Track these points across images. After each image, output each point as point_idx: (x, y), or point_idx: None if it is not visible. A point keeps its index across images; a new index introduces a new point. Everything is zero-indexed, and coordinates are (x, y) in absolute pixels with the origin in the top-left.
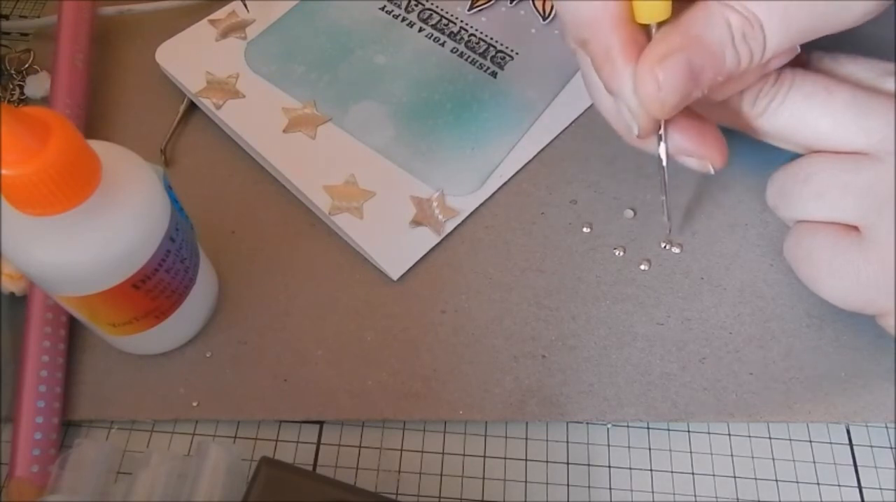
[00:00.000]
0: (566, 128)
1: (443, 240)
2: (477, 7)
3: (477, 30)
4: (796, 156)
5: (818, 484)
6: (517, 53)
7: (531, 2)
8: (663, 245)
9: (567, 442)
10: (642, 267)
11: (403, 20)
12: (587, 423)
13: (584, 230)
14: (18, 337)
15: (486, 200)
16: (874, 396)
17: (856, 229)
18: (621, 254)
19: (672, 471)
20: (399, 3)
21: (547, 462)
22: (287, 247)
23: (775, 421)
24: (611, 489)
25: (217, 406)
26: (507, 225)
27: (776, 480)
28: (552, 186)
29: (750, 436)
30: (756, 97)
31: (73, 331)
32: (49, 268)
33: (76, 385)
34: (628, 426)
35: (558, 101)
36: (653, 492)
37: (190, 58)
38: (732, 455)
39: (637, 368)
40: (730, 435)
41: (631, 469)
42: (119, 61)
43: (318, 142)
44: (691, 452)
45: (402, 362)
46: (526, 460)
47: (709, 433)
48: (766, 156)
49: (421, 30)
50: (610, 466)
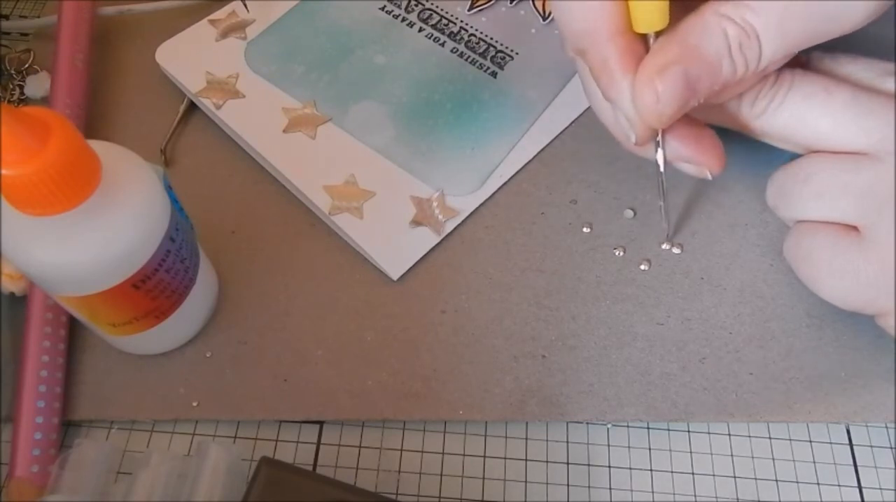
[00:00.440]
0: (566, 128)
1: (443, 240)
2: (477, 7)
3: (477, 30)
4: (796, 156)
5: (818, 484)
6: (517, 53)
7: (531, 2)
8: (664, 246)
9: (567, 442)
10: (642, 267)
11: (403, 20)
12: (587, 423)
13: (584, 230)
14: (18, 337)
15: (486, 200)
16: (874, 396)
17: (855, 229)
18: (621, 254)
19: (672, 471)
20: (399, 3)
21: (547, 462)
22: (287, 247)
23: (775, 421)
24: (611, 489)
25: (217, 406)
26: (507, 225)
27: (776, 480)
28: (552, 186)
29: (750, 436)
30: (756, 97)
31: (73, 331)
32: (49, 268)
33: (76, 385)
34: (628, 426)
35: (558, 101)
36: (653, 492)
37: (190, 58)
38: (732, 455)
39: (637, 368)
40: (730, 435)
41: (631, 469)
42: (119, 61)
43: (318, 142)
44: (691, 452)
45: (402, 362)
46: (526, 460)
47: (709, 433)
48: (766, 156)
49: (421, 30)
50: (610, 466)
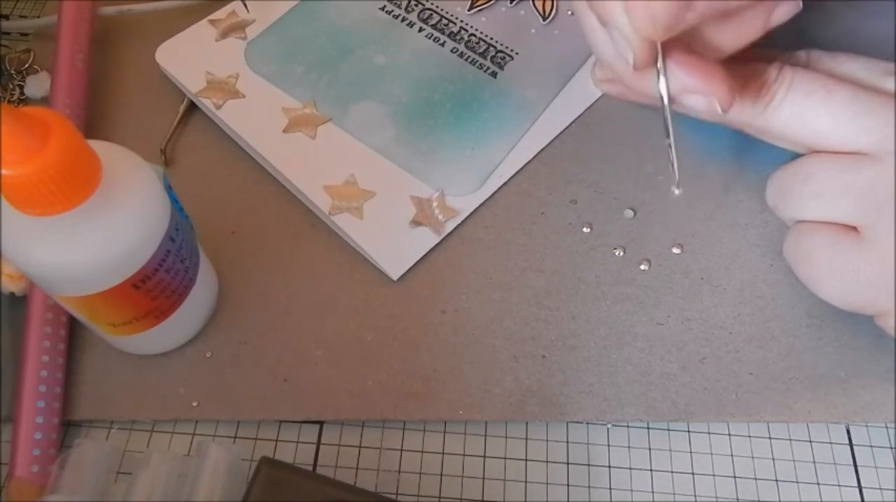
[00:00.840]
0: (566, 128)
1: (443, 240)
2: (477, 7)
3: (477, 30)
4: (796, 156)
5: (818, 484)
6: (517, 53)
7: (531, 2)
8: (675, 191)
9: (567, 442)
10: (642, 267)
11: (403, 20)
12: (587, 423)
13: (584, 230)
14: (18, 337)
15: (486, 200)
16: (874, 396)
17: (855, 229)
18: (621, 254)
19: (672, 471)
20: (399, 3)
21: (547, 462)
22: (287, 247)
23: (775, 421)
24: (611, 489)
25: (217, 406)
26: (507, 225)
27: (776, 480)
28: (552, 186)
29: (750, 436)
30: (756, 96)
31: (73, 331)
32: (49, 268)
33: (76, 385)
34: (628, 426)
35: (558, 101)
36: (653, 492)
37: (190, 58)
38: (732, 455)
39: (637, 368)
40: (730, 435)
41: (631, 469)
42: (119, 61)
43: (318, 142)
44: (691, 452)
45: (402, 362)
46: (526, 460)
47: (709, 433)
48: (766, 156)
49: (421, 30)
50: (610, 466)
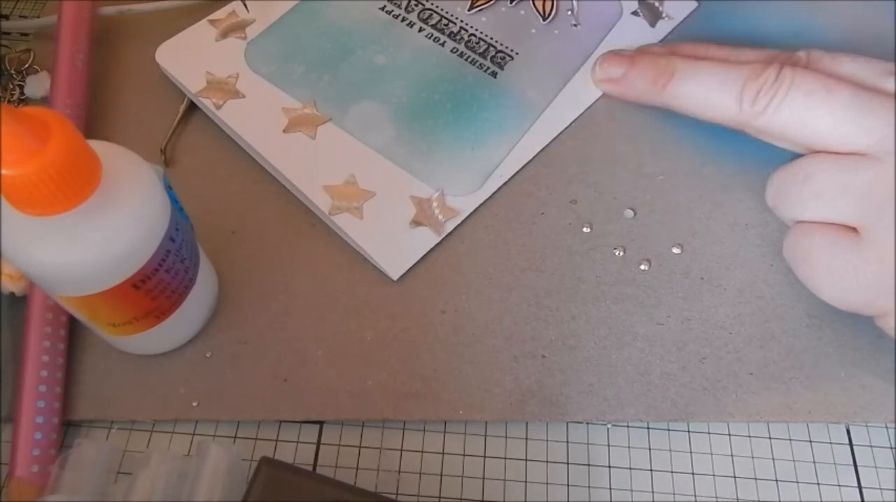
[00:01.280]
0: (566, 128)
1: (443, 240)
2: (477, 7)
3: (477, 30)
4: (796, 156)
5: (818, 484)
6: (517, 53)
7: (531, 2)
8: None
9: (567, 442)
10: (642, 267)
11: (403, 20)
12: (587, 423)
13: (584, 230)
14: (18, 337)
15: (486, 200)
16: (874, 396)
17: (855, 230)
18: (621, 254)
19: (672, 471)
20: (399, 3)
21: (547, 462)
22: (287, 247)
23: (775, 421)
24: (611, 489)
25: (217, 406)
26: (507, 225)
27: (776, 480)
28: (552, 186)
29: (750, 436)
30: (756, 96)
31: (73, 331)
32: (49, 268)
33: (76, 385)
34: (628, 426)
35: (558, 101)
36: (653, 492)
37: (190, 58)
38: (732, 455)
39: (637, 368)
40: (730, 435)
41: (631, 469)
42: (119, 61)
43: (318, 142)
44: (691, 452)
45: (402, 362)
46: (526, 460)
47: (709, 433)
48: (766, 156)
49: (421, 30)
50: (610, 466)
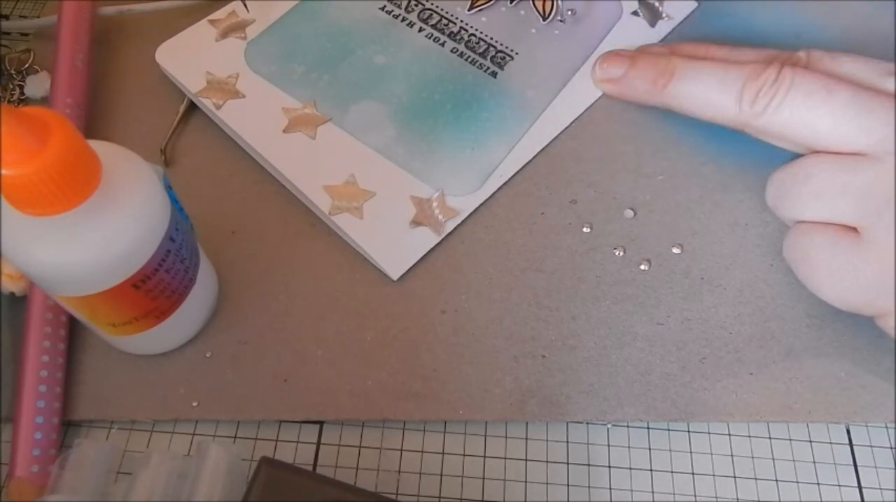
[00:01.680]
0: (566, 128)
1: (443, 240)
2: (477, 7)
3: (477, 30)
4: (796, 156)
5: (818, 484)
6: (517, 53)
7: (531, 2)
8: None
9: (567, 442)
10: (642, 267)
11: (403, 20)
12: (587, 423)
13: (584, 230)
14: (18, 337)
15: (486, 200)
16: (874, 396)
17: (855, 230)
18: (621, 254)
19: (672, 471)
20: (399, 3)
21: (547, 462)
22: (287, 247)
23: (775, 421)
24: (611, 489)
25: (217, 406)
26: (507, 225)
27: (776, 480)
28: (552, 186)
29: (750, 436)
30: (756, 96)
31: (73, 331)
32: (49, 268)
33: (76, 385)
34: (628, 426)
35: (558, 101)
36: (653, 492)
37: (190, 58)
38: (732, 455)
39: (637, 368)
40: (730, 435)
41: (631, 469)
42: (119, 61)
43: (318, 142)
44: (691, 452)
45: (402, 362)
46: (526, 460)
47: (709, 433)
48: (766, 156)
49: (421, 30)
50: (610, 466)
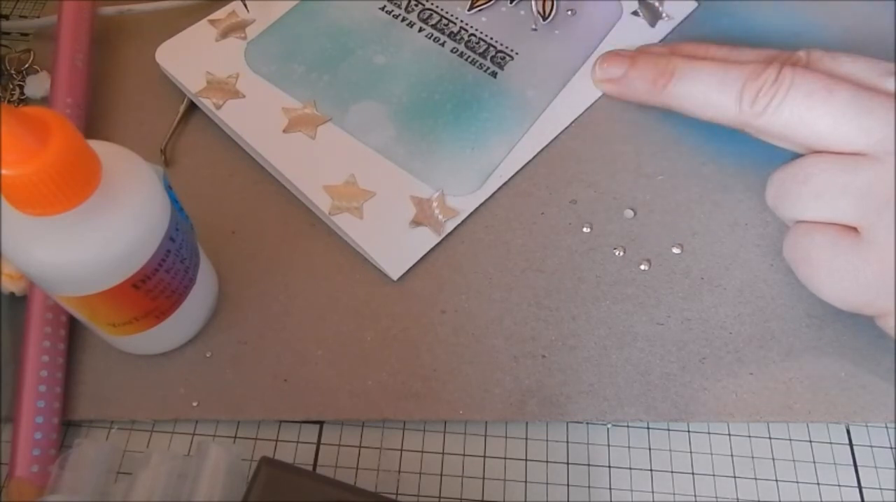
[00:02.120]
0: (566, 128)
1: (443, 240)
2: (477, 7)
3: (477, 30)
4: (796, 156)
5: (818, 484)
6: (517, 53)
7: (531, 2)
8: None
9: (567, 442)
10: (642, 267)
11: (403, 20)
12: (587, 423)
13: (584, 230)
14: (18, 337)
15: (486, 200)
16: (874, 396)
17: (855, 230)
18: (621, 254)
19: (672, 471)
20: (399, 3)
21: (547, 462)
22: (287, 247)
23: (775, 421)
24: (611, 489)
25: (217, 406)
26: (507, 225)
27: (776, 480)
28: (552, 186)
29: (750, 436)
30: (756, 96)
31: (73, 331)
32: (49, 268)
33: (76, 385)
34: (628, 426)
35: (558, 101)
36: (653, 492)
37: (190, 58)
38: (732, 455)
39: (637, 368)
40: (730, 435)
41: (631, 469)
42: (119, 61)
43: (318, 142)
44: (691, 452)
45: (402, 362)
46: (526, 460)
47: (709, 433)
48: (766, 156)
49: (421, 30)
50: (610, 466)
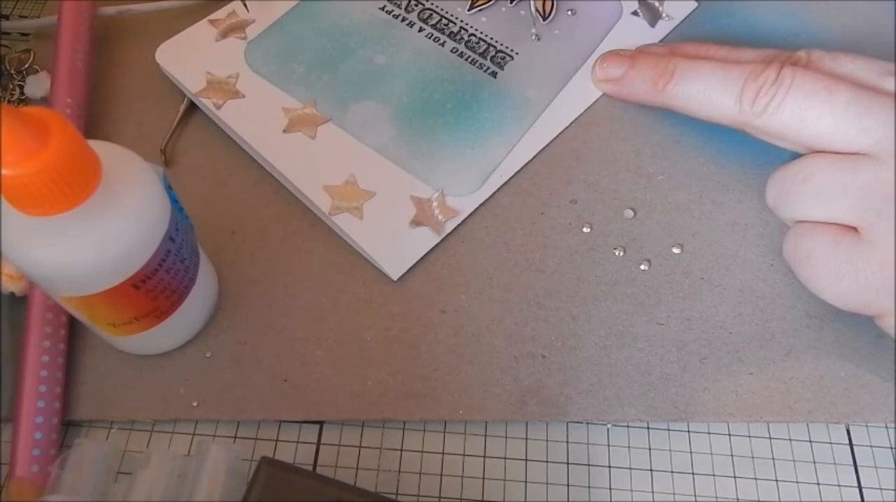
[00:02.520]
0: (566, 128)
1: (443, 240)
2: (477, 7)
3: (477, 30)
4: (796, 156)
5: (818, 484)
6: (517, 53)
7: (531, 2)
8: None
9: (567, 442)
10: (642, 267)
11: (403, 20)
12: (587, 423)
13: (584, 230)
14: (18, 337)
15: (486, 200)
16: (874, 396)
17: (855, 230)
18: (621, 254)
19: (672, 471)
20: (399, 3)
21: (547, 462)
22: (287, 247)
23: (775, 421)
24: (611, 489)
25: (217, 406)
26: (507, 225)
27: (776, 480)
28: (552, 186)
29: (750, 436)
30: (756, 96)
31: (73, 331)
32: (49, 268)
33: (76, 385)
34: (628, 426)
35: (558, 101)
36: (653, 492)
37: (190, 58)
38: (732, 455)
39: (637, 368)
40: (730, 435)
41: (631, 469)
42: (119, 61)
43: (318, 142)
44: (691, 452)
45: (402, 362)
46: (526, 460)
47: (709, 433)
48: (766, 156)
49: (421, 30)
50: (610, 466)
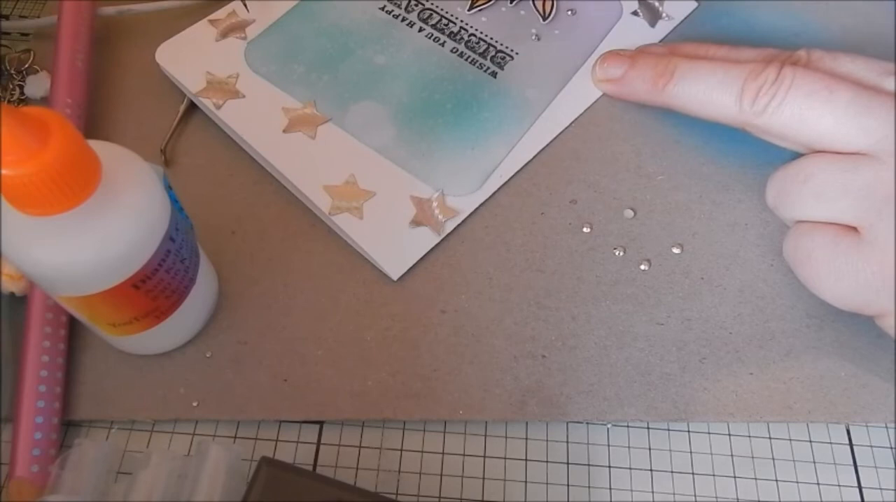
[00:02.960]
0: (566, 128)
1: (443, 240)
2: (477, 7)
3: (477, 30)
4: (796, 156)
5: (818, 484)
6: (517, 53)
7: (531, 2)
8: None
9: (567, 442)
10: (642, 267)
11: (403, 20)
12: (587, 423)
13: (584, 230)
14: (18, 337)
15: (486, 200)
16: (874, 396)
17: (855, 230)
18: (621, 254)
19: (672, 471)
20: (399, 3)
21: (547, 462)
22: (287, 247)
23: (775, 421)
24: (611, 489)
25: (217, 406)
26: (507, 225)
27: (776, 480)
28: (552, 186)
29: (750, 436)
30: (756, 96)
31: (73, 331)
32: (49, 268)
33: (76, 385)
34: (628, 426)
35: (558, 101)
36: (653, 492)
37: (190, 58)
38: (732, 455)
39: (637, 368)
40: (730, 435)
41: (631, 469)
42: (119, 61)
43: (318, 142)
44: (691, 452)
45: (402, 362)
46: (526, 460)
47: (709, 433)
48: (766, 156)
49: (421, 30)
50: (610, 466)
